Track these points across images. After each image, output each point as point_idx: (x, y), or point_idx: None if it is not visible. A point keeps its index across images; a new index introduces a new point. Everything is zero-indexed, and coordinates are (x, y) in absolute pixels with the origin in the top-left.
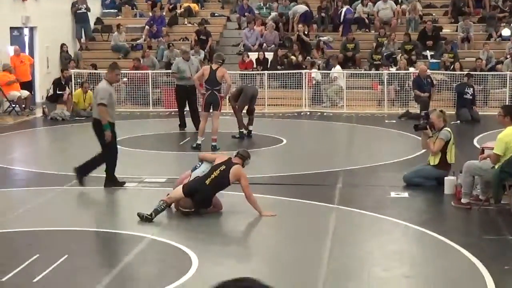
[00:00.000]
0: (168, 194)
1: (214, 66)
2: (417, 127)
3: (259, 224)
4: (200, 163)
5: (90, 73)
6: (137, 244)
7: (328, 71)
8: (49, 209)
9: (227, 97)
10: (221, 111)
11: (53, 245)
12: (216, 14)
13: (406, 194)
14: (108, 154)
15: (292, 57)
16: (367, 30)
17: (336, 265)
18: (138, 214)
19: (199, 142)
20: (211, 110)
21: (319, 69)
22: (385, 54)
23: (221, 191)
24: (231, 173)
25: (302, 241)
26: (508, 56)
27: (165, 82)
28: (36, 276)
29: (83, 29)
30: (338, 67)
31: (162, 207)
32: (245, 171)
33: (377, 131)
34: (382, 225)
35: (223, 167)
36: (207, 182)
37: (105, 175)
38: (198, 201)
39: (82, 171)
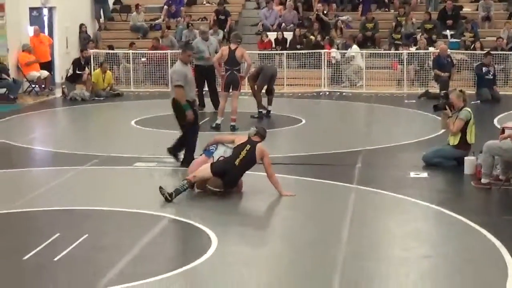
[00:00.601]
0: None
1: (233, 46)
2: (437, 107)
3: (278, 205)
4: (215, 146)
5: (108, 53)
6: (156, 224)
7: (346, 51)
8: (70, 189)
9: (246, 77)
10: (241, 91)
11: (74, 225)
12: None
13: (425, 174)
14: (188, 134)
15: (311, 36)
16: (386, 9)
17: (355, 246)
18: (160, 189)
19: (218, 122)
20: (230, 90)
21: (338, 48)
22: (404, 33)
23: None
24: (257, 151)
25: (321, 222)
26: None
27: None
28: (57, 255)
29: (102, 9)
30: (355, 46)
31: (185, 187)
32: None
33: (397, 111)
34: (401, 205)
35: (249, 146)
36: (237, 162)
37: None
38: (228, 182)
39: (174, 150)
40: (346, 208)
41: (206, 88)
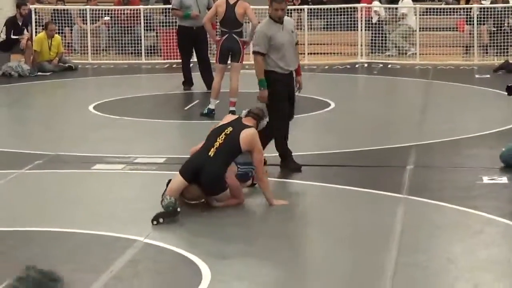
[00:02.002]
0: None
1: (232, 0)
2: (511, 89)
3: (295, 222)
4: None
5: (56, 9)
6: (126, 250)
7: (395, 5)
8: (2, 202)
9: (252, 43)
10: (243, 62)
11: (9, 253)
12: None
13: (504, 179)
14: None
15: None
16: None
17: (404, 279)
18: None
19: (212, 106)
20: (228, 62)
21: (381, 2)
22: None
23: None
24: (241, 137)
25: (358, 247)
26: None
27: (163, 23)
28: None
29: None
30: (407, 0)
31: (175, 206)
32: None
33: (464, 90)
34: (470, 223)
35: (229, 129)
36: (211, 153)
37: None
38: (206, 184)
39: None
40: (392, 227)
41: (194, 59)
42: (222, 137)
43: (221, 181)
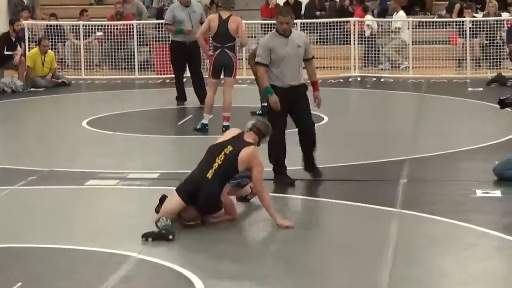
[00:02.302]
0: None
1: (224, 14)
2: (503, 102)
3: (289, 238)
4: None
5: (49, 25)
6: (119, 266)
7: (388, 19)
8: None
9: (247, 58)
10: (236, 77)
11: (1, 268)
12: None
13: (498, 193)
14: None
15: None
16: None
17: None
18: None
19: (205, 121)
20: (222, 77)
21: (374, 16)
22: None
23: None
24: (240, 157)
25: (351, 261)
26: None
27: (156, 38)
28: None
29: None
30: (401, 13)
31: (169, 230)
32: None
33: (457, 104)
34: (464, 236)
35: (229, 148)
36: (209, 175)
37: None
38: (203, 205)
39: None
40: (386, 241)
41: (187, 74)
42: (221, 158)
43: (217, 202)
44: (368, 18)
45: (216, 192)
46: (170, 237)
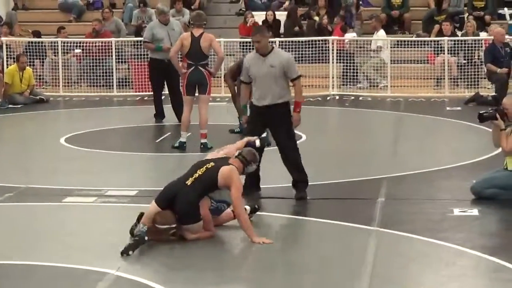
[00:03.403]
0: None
1: (197, 32)
2: (483, 116)
3: (266, 255)
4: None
5: (28, 42)
6: (96, 283)
7: (368, 38)
8: None
9: (223, 75)
10: (211, 94)
11: None
12: None
13: (475, 211)
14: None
15: (315, 17)
16: None
17: None
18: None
19: (183, 139)
20: (196, 94)
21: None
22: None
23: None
24: (220, 173)
25: (329, 280)
26: None
27: (134, 55)
28: None
29: None
30: (382, 32)
31: (143, 234)
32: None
33: (435, 123)
34: (441, 255)
35: (211, 164)
36: (188, 182)
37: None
38: (180, 211)
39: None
40: (363, 259)
41: (166, 92)
42: (202, 170)
43: (195, 210)
44: (350, 36)
45: (194, 199)
46: (146, 238)
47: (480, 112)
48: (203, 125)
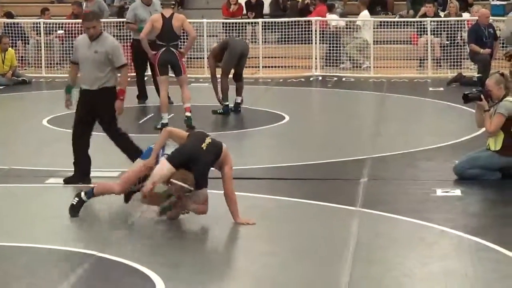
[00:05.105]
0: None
1: (167, 13)
2: (467, 97)
3: (251, 236)
4: (161, 150)
5: (9, 23)
6: (79, 264)
7: (352, 19)
8: None
9: (207, 57)
10: (187, 73)
11: None
12: None
13: (458, 192)
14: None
15: None
16: None
17: None
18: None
19: (165, 121)
20: (172, 75)
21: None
22: None
23: None
24: (224, 148)
25: (312, 260)
26: None
27: (117, 36)
28: None
29: None
30: (365, 12)
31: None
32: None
33: (418, 103)
34: (424, 235)
35: (209, 140)
36: (204, 146)
37: None
38: (198, 171)
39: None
40: (346, 240)
41: (148, 72)
42: (208, 139)
43: (206, 175)
44: (332, 17)
45: (211, 161)
46: (173, 198)
47: (465, 93)
48: (186, 100)
